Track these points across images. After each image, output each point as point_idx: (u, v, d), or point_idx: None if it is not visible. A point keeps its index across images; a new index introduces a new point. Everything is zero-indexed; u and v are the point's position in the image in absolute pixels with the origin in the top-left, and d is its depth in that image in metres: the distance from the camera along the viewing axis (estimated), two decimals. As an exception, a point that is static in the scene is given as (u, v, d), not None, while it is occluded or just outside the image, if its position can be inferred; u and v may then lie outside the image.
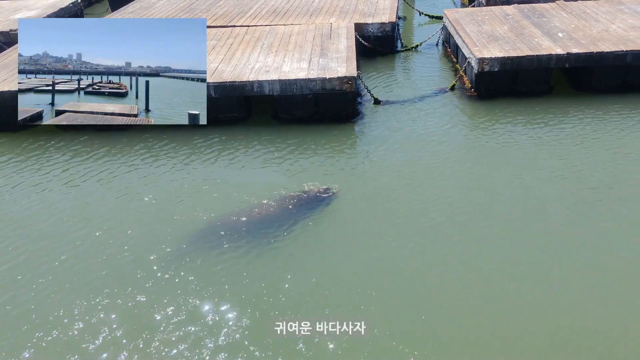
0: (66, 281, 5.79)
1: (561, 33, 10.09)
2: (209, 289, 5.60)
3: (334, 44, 10.14)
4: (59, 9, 13.70)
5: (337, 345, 4.92)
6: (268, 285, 5.59)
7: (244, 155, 8.11)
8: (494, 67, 9.28)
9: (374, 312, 5.22)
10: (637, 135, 8.06)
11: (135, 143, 8.54)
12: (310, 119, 8.98)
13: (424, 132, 8.50)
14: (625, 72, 9.41)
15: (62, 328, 5.21)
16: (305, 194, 6.93)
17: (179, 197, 7.14)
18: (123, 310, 5.40)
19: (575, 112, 8.82)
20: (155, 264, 5.97)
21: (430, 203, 6.76)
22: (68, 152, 8.42)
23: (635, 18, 10.68)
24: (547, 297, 5.35)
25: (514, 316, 5.16)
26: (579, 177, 7.14)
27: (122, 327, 5.20)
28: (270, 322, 5.14)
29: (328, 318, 5.13)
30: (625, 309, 5.19)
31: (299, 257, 5.97)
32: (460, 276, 5.64)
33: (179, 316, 5.29)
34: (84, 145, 8.56)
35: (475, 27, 10.66)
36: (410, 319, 5.17)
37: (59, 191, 7.46)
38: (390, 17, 11.88)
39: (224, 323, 5.19)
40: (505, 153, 7.84)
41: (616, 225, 6.28)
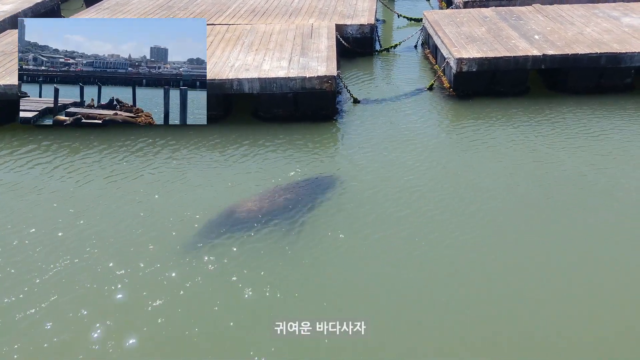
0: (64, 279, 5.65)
1: (537, 35, 10.25)
2: (205, 290, 5.51)
3: (314, 44, 10.14)
4: (35, 3, 13.38)
5: (337, 345, 4.89)
6: (261, 287, 5.53)
7: (221, 154, 8.01)
8: (472, 68, 9.38)
9: (369, 312, 5.20)
10: (610, 135, 8.23)
11: (110, 142, 8.37)
12: (290, 118, 8.94)
13: (402, 131, 8.53)
14: (600, 73, 9.61)
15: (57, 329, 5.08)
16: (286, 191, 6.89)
17: (156, 197, 7.03)
18: (119, 310, 5.28)
19: (551, 112, 8.96)
20: (146, 265, 5.86)
21: (411, 200, 6.78)
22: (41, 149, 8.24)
23: (609, 22, 10.93)
24: (538, 291, 5.42)
25: (512, 315, 5.18)
26: (553, 175, 7.25)
27: (116, 325, 5.08)
28: (270, 321, 5.08)
29: (327, 318, 5.09)
30: (594, 303, 5.28)
31: (290, 257, 5.93)
32: (450, 274, 5.68)
33: (176, 316, 5.20)
34: (52, 143, 8.37)
35: (454, 29, 10.77)
36: (407, 318, 5.18)
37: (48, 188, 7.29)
38: (369, 19, 11.93)
39: (223, 324, 5.12)
40: (482, 151, 7.92)
41: (593, 220, 6.40)
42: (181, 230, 6.33)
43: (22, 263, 5.89)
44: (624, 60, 9.44)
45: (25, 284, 5.59)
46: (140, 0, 13.78)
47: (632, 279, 5.55)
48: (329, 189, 7.01)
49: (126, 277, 5.64)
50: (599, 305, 5.27)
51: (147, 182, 7.36)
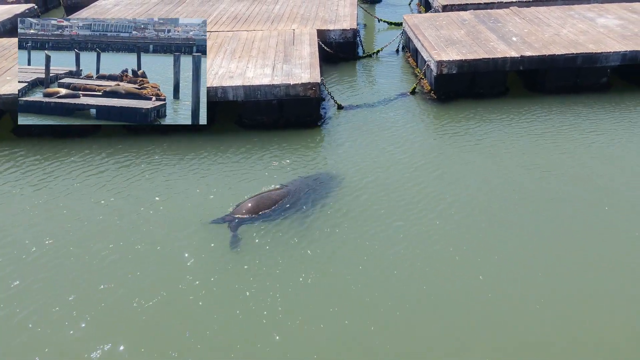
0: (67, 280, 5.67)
1: (515, 37, 10.47)
2: (200, 294, 5.59)
3: (297, 50, 10.24)
4: (14, 15, 13.34)
5: (337, 345, 5.02)
6: (252, 293, 5.62)
7: (206, 162, 8.05)
8: (452, 70, 9.56)
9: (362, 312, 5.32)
10: (588, 133, 8.46)
11: (99, 150, 8.38)
12: (274, 125, 9.02)
13: (387, 135, 8.66)
14: (576, 73, 9.85)
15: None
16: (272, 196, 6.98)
17: (141, 208, 7.07)
18: (115, 311, 5.33)
19: (530, 112, 9.18)
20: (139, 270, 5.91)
21: (397, 202, 6.90)
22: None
23: (584, 23, 11.19)
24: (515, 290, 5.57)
25: (510, 315, 5.32)
26: (533, 172, 7.45)
27: (116, 327, 5.13)
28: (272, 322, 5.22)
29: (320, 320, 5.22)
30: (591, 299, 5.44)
31: (282, 259, 6.03)
32: (439, 272, 5.82)
33: (177, 320, 5.31)
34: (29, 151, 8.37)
35: (433, 32, 10.96)
36: (405, 317, 5.29)
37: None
38: (351, 24, 12.08)
39: (222, 326, 5.22)
40: (464, 152, 8.08)
41: (577, 216, 6.60)
42: (164, 241, 6.39)
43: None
44: (600, 60, 9.69)
45: (26, 283, 5.64)
46: (120, 10, 13.80)
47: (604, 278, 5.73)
48: (315, 193, 7.10)
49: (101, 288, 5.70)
50: (591, 302, 5.44)
51: (127, 193, 7.37)
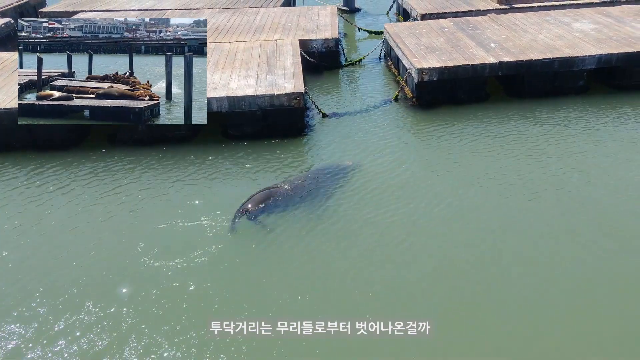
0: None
1: (493, 43, 10.69)
2: (198, 296, 5.63)
3: (280, 61, 10.34)
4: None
5: (337, 344, 5.08)
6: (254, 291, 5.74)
7: (192, 174, 8.06)
8: (432, 77, 9.72)
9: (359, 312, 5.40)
10: (566, 134, 8.67)
11: (84, 162, 8.38)
12: (259, 135, 9.08)
13: (370, 142, 8.78)
14: (553, 77, 10.08)
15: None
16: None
17: (124, 220, 7.08)
18: (112, 313, 5.33)
19: (509, 117, 9.38)
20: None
21: (383, 206, 7.01)
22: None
23: (560, 28, 11.46)
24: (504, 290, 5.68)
25: (509, 315, 5.43)
26: (514, 175, 7.62)
27: (108, 329, 5.13)
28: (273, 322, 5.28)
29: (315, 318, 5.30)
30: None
31: (280, 262, 6.10)
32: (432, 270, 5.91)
33: (178, 320, 5.38)
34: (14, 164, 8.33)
35: (414, 40, 11.13)
36: (403, 318, 5.34)
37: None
38: (332, 33, 12.22)
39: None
40: (446, 156, 8.25)
41: (561, 217, 6.74)
42: (150, 255, 6.39)
43: None
44: (576, 63, 9.93)
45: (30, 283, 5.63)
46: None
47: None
48: (303, 201, 7.17)
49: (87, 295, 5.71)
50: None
51: (113, 205, 7.39)
